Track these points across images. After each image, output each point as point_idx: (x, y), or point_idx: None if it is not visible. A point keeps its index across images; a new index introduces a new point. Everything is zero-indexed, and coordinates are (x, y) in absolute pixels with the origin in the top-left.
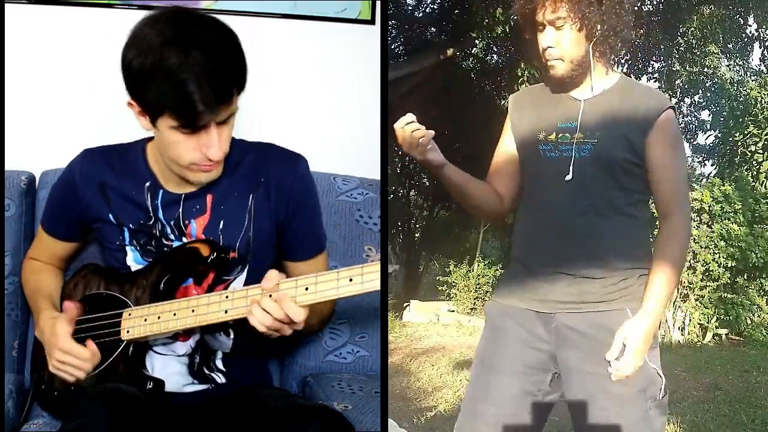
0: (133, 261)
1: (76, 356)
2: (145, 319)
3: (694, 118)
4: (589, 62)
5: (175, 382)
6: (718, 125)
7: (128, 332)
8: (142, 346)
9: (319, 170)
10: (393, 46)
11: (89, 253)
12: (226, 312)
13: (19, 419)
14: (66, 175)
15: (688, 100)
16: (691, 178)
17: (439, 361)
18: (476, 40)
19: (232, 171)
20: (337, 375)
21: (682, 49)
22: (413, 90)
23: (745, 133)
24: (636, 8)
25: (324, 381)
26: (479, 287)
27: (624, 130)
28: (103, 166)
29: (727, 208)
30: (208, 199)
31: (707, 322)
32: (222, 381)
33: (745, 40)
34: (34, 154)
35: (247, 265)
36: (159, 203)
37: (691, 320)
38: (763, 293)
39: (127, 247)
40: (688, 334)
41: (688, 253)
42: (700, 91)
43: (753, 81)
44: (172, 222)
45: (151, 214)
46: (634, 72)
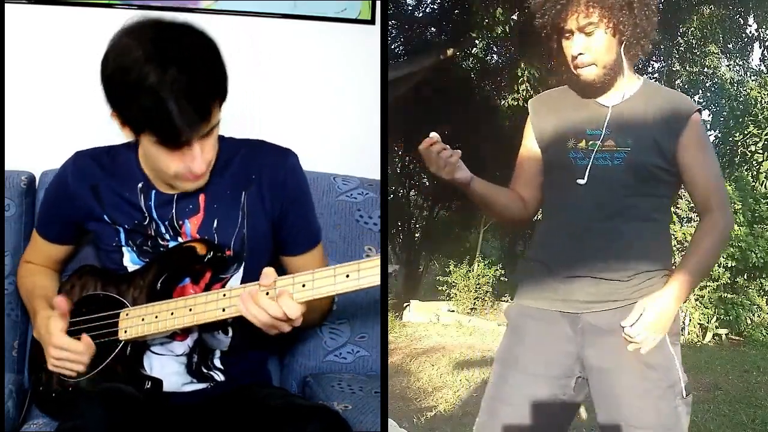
0: (130, 262)
1: (71, 351)
2: (143, 319)
3: None
4: (621, 66)
5: (174, 381)
6: (718, 125)
7: (126, 332)
8: (140, 346)
9: (319, 170)
10: (393, 46)
11: (85, 256)
12: (224, 310)
13: (19, 419)
14: (58, 177)
15: None
16: None
17: (439, 361)
18: (476, 40)
19: (223, 169)
20: (337, 375)
21: (682, 49)
22: (413, 90)
23: (745, 133)
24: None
25: (324, 381)
26: (479, 287)
27: (653, 133)
28: (95, 168)
29: None
30: (201, 198)
31: (707, 322)
32: (221, 379)
33: (745, 40)
34: (34, 154)
35: (243, 263)
36: (152, 204)
37: (691, 320)
38: (763, 293)
39: (124, 248)
40: (688, 334)
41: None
42: (700, 91)
43: (753, 81)
44: (167, 222)
45: (146, 214)
46: (634, 72)
